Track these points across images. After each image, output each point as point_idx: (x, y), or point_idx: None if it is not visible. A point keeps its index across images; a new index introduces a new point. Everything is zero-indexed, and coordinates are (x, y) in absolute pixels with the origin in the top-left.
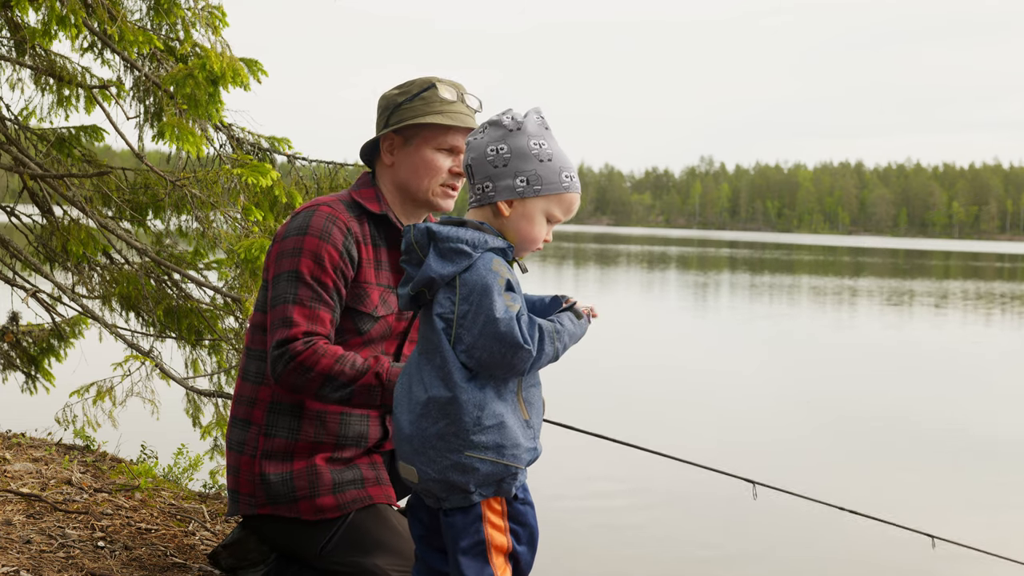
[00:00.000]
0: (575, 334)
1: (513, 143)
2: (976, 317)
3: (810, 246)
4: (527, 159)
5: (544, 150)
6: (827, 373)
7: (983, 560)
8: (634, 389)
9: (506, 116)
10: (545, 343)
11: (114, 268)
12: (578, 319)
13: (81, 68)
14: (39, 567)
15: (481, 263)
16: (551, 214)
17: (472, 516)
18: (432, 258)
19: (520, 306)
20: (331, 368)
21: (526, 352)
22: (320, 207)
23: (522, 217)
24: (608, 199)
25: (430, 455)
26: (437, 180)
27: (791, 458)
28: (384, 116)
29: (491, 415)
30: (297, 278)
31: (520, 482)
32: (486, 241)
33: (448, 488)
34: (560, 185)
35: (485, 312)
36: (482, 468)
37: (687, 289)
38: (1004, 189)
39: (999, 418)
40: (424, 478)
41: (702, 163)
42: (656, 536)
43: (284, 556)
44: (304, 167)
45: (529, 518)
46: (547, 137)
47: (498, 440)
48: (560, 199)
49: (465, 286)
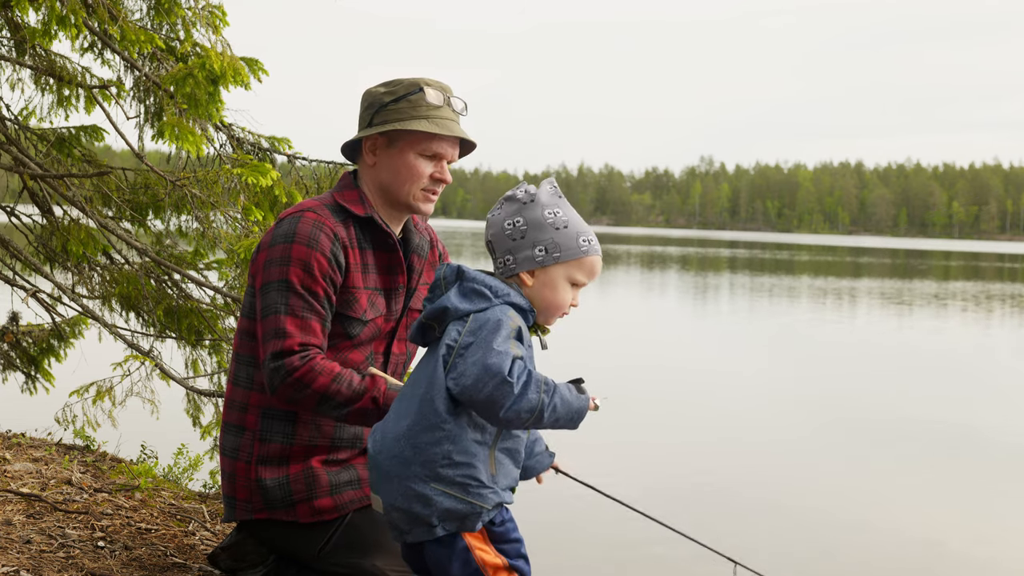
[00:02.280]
0: (568, 401)
1: (529, 215)
2: (976, 317)
3: (810, 246)
4: (544, 229)
5: (559, 218)
6: (827, 373)
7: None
8: (634, 389)
9: (519, 190)
10: (530, 388)
11: (114, 268)
12: (579, 393)
13: (81, 68)
14: (39, 567)
15: (498, 309)
16: (574, 279)
17: (457, 548)
18: (453, 293)
19: (522, 354)
20: (327, 388)
21: (508, 387)
22: (306, 213)
23: (545, 285)
24: (608, 199)
25: (394, 484)
26: (419, 185)
27: (792, 458)
28: (368, 114)
29: (462, 452)
30: (288, 288)
31: (487, 520)
32: (509, 293)
33: (411, 520)
34: (579, 250)
35: (485, 345)
36: (445, 503)
37: (687, 289)
38: (1004, 189)
39: (1001, 418)
40: (388, 507)
41: (702, 163)
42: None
43: (283, 557)
44: (304, 167)
45: (511, 534)
46: (561, 205)
47: (465, 478)
48: (580, 263)
49: (476, 322)
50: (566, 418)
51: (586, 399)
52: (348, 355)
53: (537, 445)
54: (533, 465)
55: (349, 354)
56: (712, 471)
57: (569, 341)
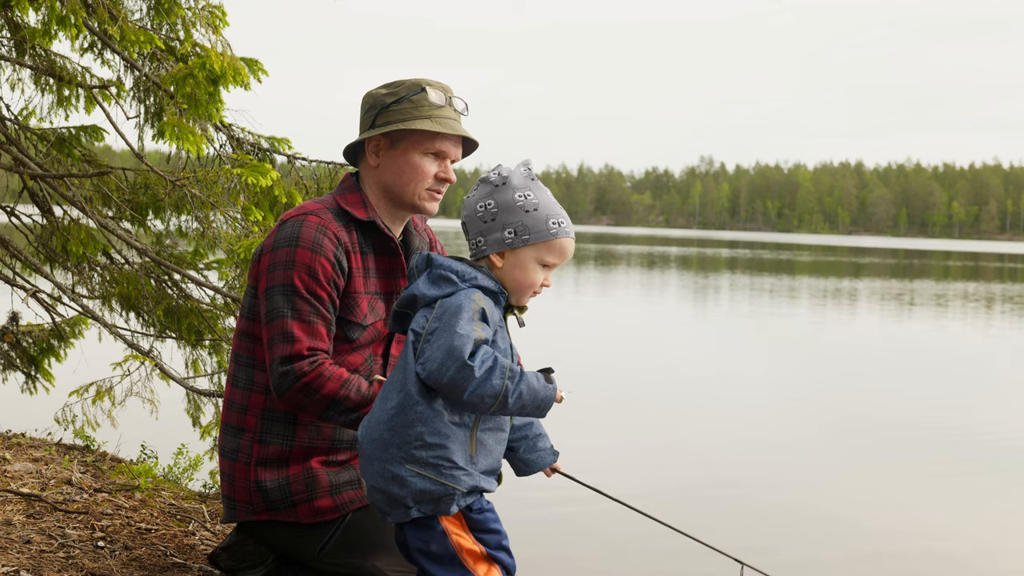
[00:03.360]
0: (535, 390)
1: (500, 197)
2: (976, 317)
3: (810, 246)
4: (514, 211)
5: (530, 200)
6: (828, 374)
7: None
8: (635, 390)
9: (493, 173)
10: (494, 374)
11: (114, 268)
12: (548, 383)
13: (81, 68)
14: (39, 567)
15: (463, 293)
16: (544, 260)
17: (435, 533)
18: (422, 280)
19: (486, 336)
20: (336, 393)
21: (468, 370)
22: (309, 216)
23: (514, 267)
24: (608, 199)
25: (375, 466)
26: (423, 184)
27: (794, 458)
28: (370, 116)
29: (433, 432)
30: (293, 292)
31: (463, 503)
32: (475, 277)
33: (389, 501)
34: (548, 232)
35: (449, 329)
36: (419, 484)
37: (687, 290)
38: (1004, 189)
39: (1003, 419)
40: (370, 488)
41: (702, 163)
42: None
43: (283, 557)
44: (304, 167)
45: (490, 523)
46: (533, 188)
47: (437, 459)
48: (550, 246)
49: (441, 307)
50: (532, 406)
51: (553, 389)
52: (347, 358)
53: (541, 441)
54: (535, 460)
55: (348, 357)
56: (714, 471)
57: (569, 342)
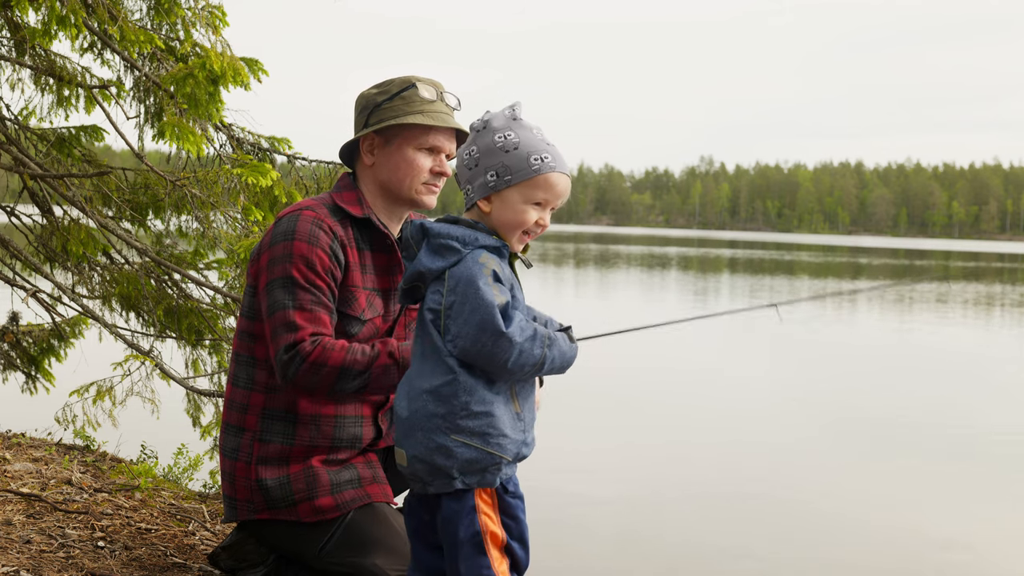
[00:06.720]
0: (565, 353)
1: (481, 142)
2: (976, 317)
3: (810, 246)
4: (493, 154)
5: (509, 140)
6: (829, 374)
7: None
8: (636, 390)
9: (478, 120)
10: (535, 344)
11: (114, 268)
12: (571, 342)
13: (81, 68)
14: (39, 567)
15: (469, 258)
16: (532, 198)
17: (466, 506)
18: (423, 253)
19: (507, 299)
20: (343, 360)
21: (506, 340)
22: (304, 211)
23: (502, 210)
24: (608, 199)
25: (418, 436)
26: (420, 179)
27: (795, 459)
28: (363, 116)
29: (480, 401)
30: (293, 283)
31: (506, 475)
32: (477, 238)
33: (432, 471)
34: (530, 170)
35: (470, 301)
36: (466, 453)
37: (687, 290)
38: (1004, 189)
39: (1003, 419)
40: (411, 459)
41: (702, 163)
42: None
43: (283, 557)
44: (304, 167)
45: (518, 511)
46: (515, 127)
47: (485, 427)
48: (534, 183)
49: (452, 279)
50: (559, 368)
51: (576, 349)
52: None
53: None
54: None
55: None
56: (714, 472)
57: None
